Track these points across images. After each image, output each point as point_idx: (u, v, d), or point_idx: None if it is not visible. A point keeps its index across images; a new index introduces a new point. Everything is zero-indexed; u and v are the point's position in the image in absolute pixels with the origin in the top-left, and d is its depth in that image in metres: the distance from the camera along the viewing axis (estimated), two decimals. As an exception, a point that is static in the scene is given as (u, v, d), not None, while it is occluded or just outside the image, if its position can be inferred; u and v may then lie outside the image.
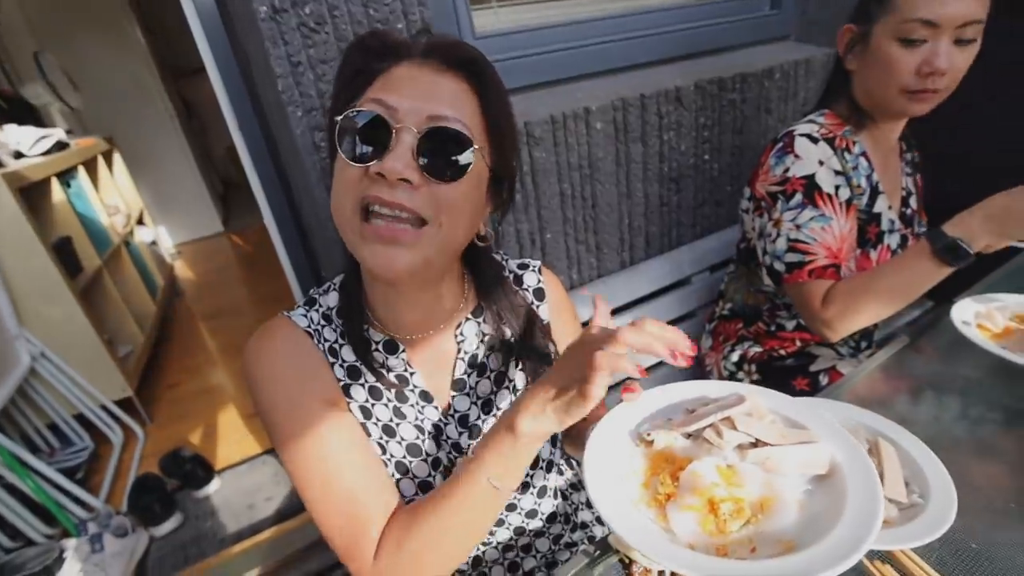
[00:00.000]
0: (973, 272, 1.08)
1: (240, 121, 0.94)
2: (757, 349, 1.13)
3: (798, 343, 1.12)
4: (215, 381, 2.46)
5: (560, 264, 1.22)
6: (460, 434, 0.67)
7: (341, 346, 0.63)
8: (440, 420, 0.66)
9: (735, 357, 1.15)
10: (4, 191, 1.64)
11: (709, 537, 0.44)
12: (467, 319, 0.67)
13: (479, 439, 0.52)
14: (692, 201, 1.34)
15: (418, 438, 0.65)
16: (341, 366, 0.63)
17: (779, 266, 0.95)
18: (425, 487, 0.65)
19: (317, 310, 0.65)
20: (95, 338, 1.92)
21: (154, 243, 3.32)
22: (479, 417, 0.68)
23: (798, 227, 0.93)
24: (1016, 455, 0.68)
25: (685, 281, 1.32)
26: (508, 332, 0.68)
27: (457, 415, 0.66)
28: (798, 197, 0.93)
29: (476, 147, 0.53)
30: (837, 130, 0.96)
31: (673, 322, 1.32)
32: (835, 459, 0.49)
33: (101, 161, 2.80)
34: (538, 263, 0.74)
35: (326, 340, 0.63)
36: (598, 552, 0.60)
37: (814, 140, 0.93)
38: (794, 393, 1.06)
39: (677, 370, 1.35)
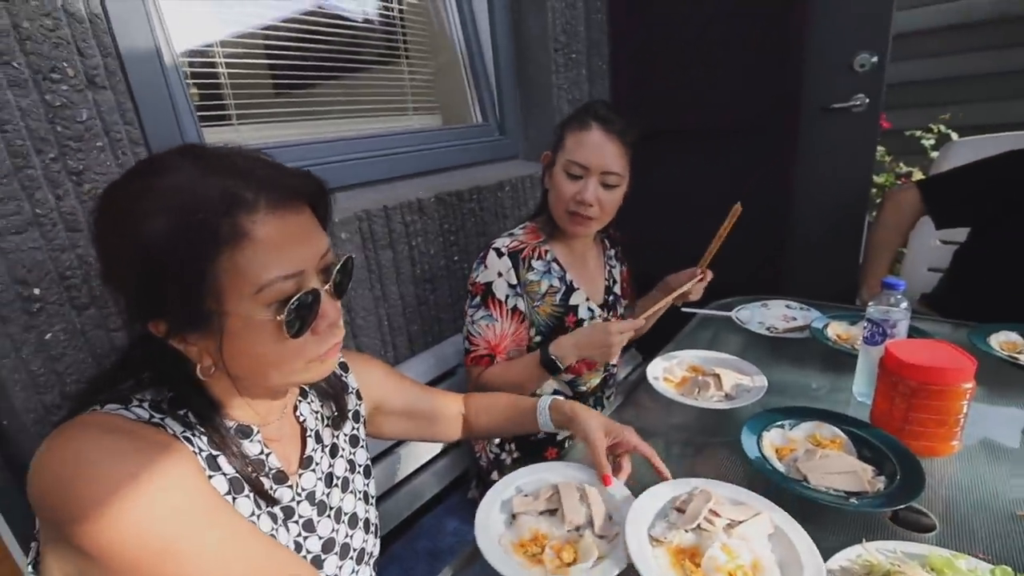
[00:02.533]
0: (668, 335, 1.40)
1: None
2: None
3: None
4: None
5: (321, 372, 1.19)
6: (311, 510, 0.67)
7: (193, 435, 0.55)
8: (292, 500, 0.65)
9: (497, 440, 1.23)
10: None
11: None
12: (299, 400, 0.71)
13: None
14: (448, 298, 1.47)
15: (273, 528, 0.61)
16: (199, 454, 0.55)
17: (463, 349, 1.17)
18: None
19: (140, 405, 0.54)
20: None
21: None
22: (324, 492, 0.69)
23: (473, 322, 1.14)
24: (714, 477, 0.80)
25: (451, 372, 1.39)
26: (332, 406, 0.74)
27: (305, 492, 0.67)
28: (478, 299, 1.13)
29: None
30: (531, 240, 1.17)
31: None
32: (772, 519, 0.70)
33: None
34: None
35: (173, 431, 0.54)
36: None
37: (500, 254, 1.13)
38: (545, 460, 1.18)
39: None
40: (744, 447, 0.85)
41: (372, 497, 0.79)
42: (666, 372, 1.18)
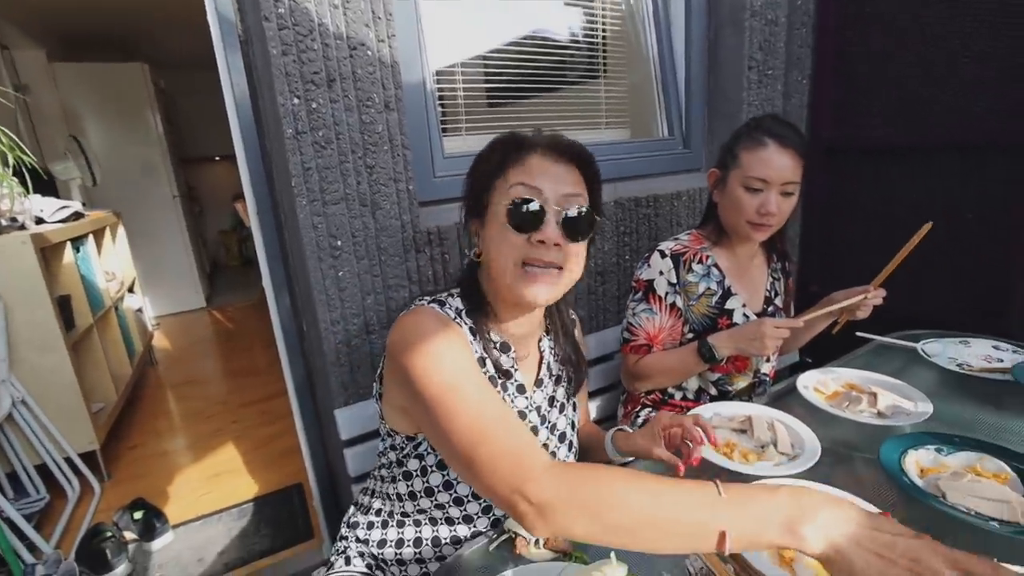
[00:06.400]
0: (836, 352, 1.37)
1: (259, 208, 1.23)
2: (656, 414, 1.36)
3: (686, 411, 1.35)
4: (176, 445, 2.54)
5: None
6: (537, 419, 0.88)
7: (474, 340, 0.82)
8: (526, 408, 0.87)
9: (640, 421, 1.37)
10: (30, 250, 1.87)
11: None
12: (545, 334, 0.94)
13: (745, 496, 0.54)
14: (615, 292, 1.64)
15: None
16: (475, 353, 0.81)
17: (621, 339, 1.31)
18: None
19: (449, 308, 0.81)
20: (76, 390, 2.05)
21: (140, 310, 3.49)
22: (547, 410, 0.92)
23: (635, 314, 1.27)
24: (840, 484, 0.79)
25: (609, 356, 1.57)
26: (562, 346, 0.96)
27: (536, 406, 0.89)
28: (640, 294, 1.27)
29: (596, 217, 0.79)
30: (694, 246, 1.28)
31: (600, 391, 1.55)
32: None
33: (108, 232, 3.06)
34: None
35: (466, 328, 0.81)
36: (495, 534, 0.79)
37: (663, 255, 1.26)
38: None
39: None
40: (881, 455, 0.84)
41: (573, 424, 0.98)
42: (819, 384, 1.17)
